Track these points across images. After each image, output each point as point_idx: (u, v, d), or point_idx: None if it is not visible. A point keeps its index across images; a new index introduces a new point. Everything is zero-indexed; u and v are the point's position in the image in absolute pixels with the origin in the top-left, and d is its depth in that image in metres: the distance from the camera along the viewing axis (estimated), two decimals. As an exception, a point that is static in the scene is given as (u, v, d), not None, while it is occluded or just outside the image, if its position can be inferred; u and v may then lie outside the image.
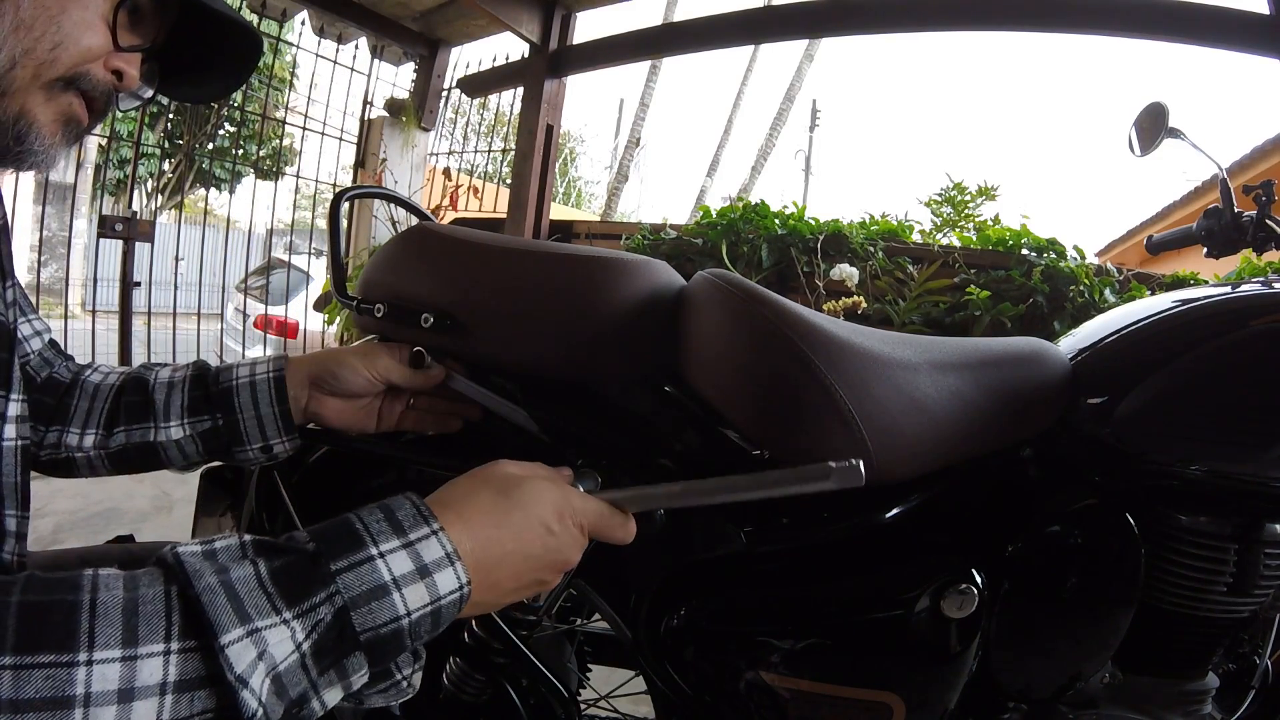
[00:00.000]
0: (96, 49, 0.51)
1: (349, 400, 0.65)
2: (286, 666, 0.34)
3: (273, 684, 0.33)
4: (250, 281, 5.25)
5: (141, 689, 0.30)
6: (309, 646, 0.35)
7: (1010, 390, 0.65)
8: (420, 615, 0.38)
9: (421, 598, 0.38)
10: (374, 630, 0.36)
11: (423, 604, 0.38)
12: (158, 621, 0.32)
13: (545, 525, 0.46)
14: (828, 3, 2.47)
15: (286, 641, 0.34)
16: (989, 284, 2.22)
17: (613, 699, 0.90)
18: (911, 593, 0.61)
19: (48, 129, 0.51)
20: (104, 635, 0.30)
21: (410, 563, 0.38)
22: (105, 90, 0.53)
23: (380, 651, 0.37)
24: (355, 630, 0.36)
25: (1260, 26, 1.83)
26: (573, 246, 0.68)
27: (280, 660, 0.34)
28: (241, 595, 0.34)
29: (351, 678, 0.37)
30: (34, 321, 0.65)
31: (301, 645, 0.34)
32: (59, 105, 0.51)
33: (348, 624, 0.36)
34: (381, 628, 0.37)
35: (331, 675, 0.36)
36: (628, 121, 11.62)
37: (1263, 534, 0.63)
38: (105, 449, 0.63)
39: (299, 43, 3.48)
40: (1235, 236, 1.01)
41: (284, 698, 0.34)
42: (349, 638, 0.36)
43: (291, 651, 0.34)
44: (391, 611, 0.37)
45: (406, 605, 0.37)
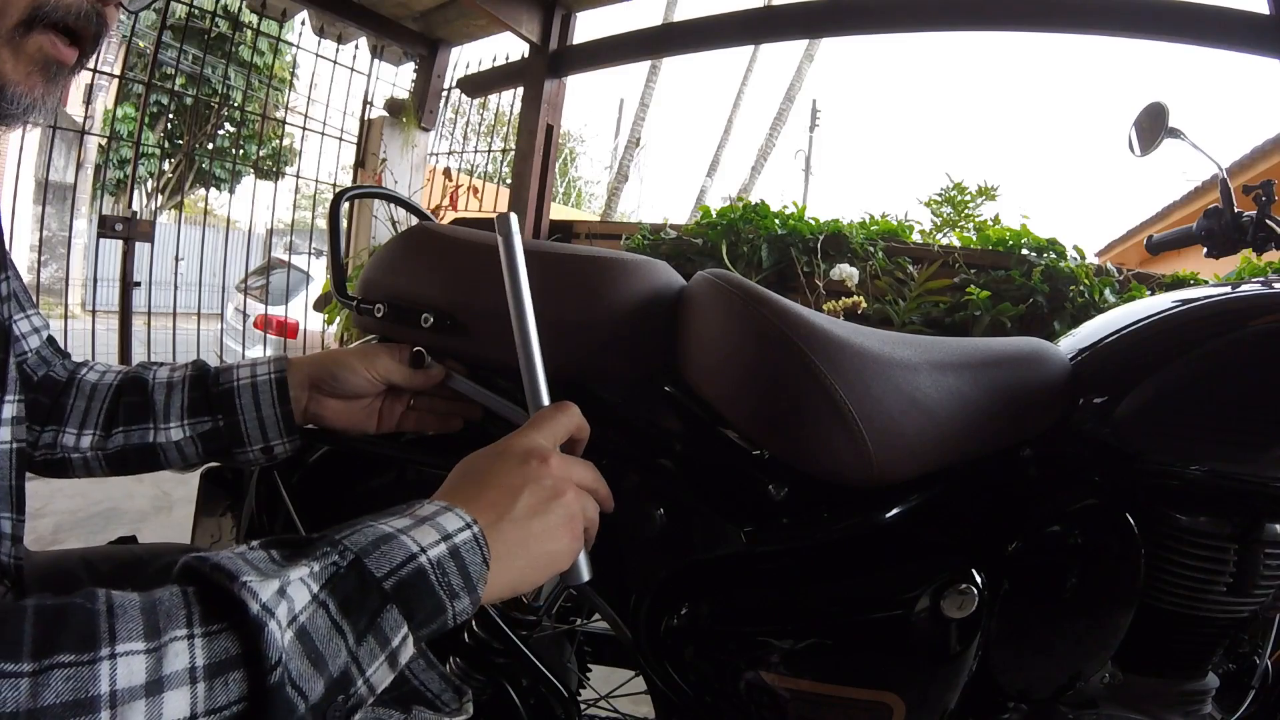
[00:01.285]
0: None
1: (349, 401, 0.65)
2: (309, 618, 0.32)
3: (301, 643, 0.31)
4: (250, 281, 5.25)
5: (170, 677, 0.28)
6: (328, 595, 0.33)
7: (1010, 390, 0.65)
8: (438, 554, 0.36)
9: (430, 536, 0.37)
10: (394, 574, 0.34)
11: (434, 540, 0.37)
12: (178, 612, 0.30)
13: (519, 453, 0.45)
14: (828, 3, 2.47)
15: (302, 588, 0.32)
16: (989, 284, 2.22)
17: (613, 699, 0.90)
18: (911, 593, 0.61)
19: (23, 84, 0.45)
20: (125, 630, 0.28)
21: (409, 519, 0.38)
22: (85, 13, 0.46)
23: (411, 600, 0.35)
24: (374, 575, 0.34)
25: (1260, 26, 1.83)
26: (573, 246, 0.68)
27: (300, 608, 0.32)
28: (256, 563, 0.32)
29: (393, 640, 0.34)
30: (33, 317, 0.63)
31: (319, 593, 0.32)
32: (28, 54, 0.45)
33: (365, 570, 0.34)
34: (401, 569, 0.35)
35: (371, 641, 0.33)
36: (628, 121, 11.63)
37: (1263, 534, 0.63)
38: (103, 450, 0.62)
39: (299, 43, 3.48)
40: (1235, 236, 1.01)
41: (322, 671, 0.31)
42: (371, 586, 0.34)
43: (310, 599, 0.32)
44: (404, 550, 0.35)
45: (418, 543, 0.36)
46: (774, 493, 0.65)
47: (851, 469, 0.58)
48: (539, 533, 0.42)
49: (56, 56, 0.46)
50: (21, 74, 0.45)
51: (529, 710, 0.73)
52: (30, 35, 0.44)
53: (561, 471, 0.46)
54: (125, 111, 9.71)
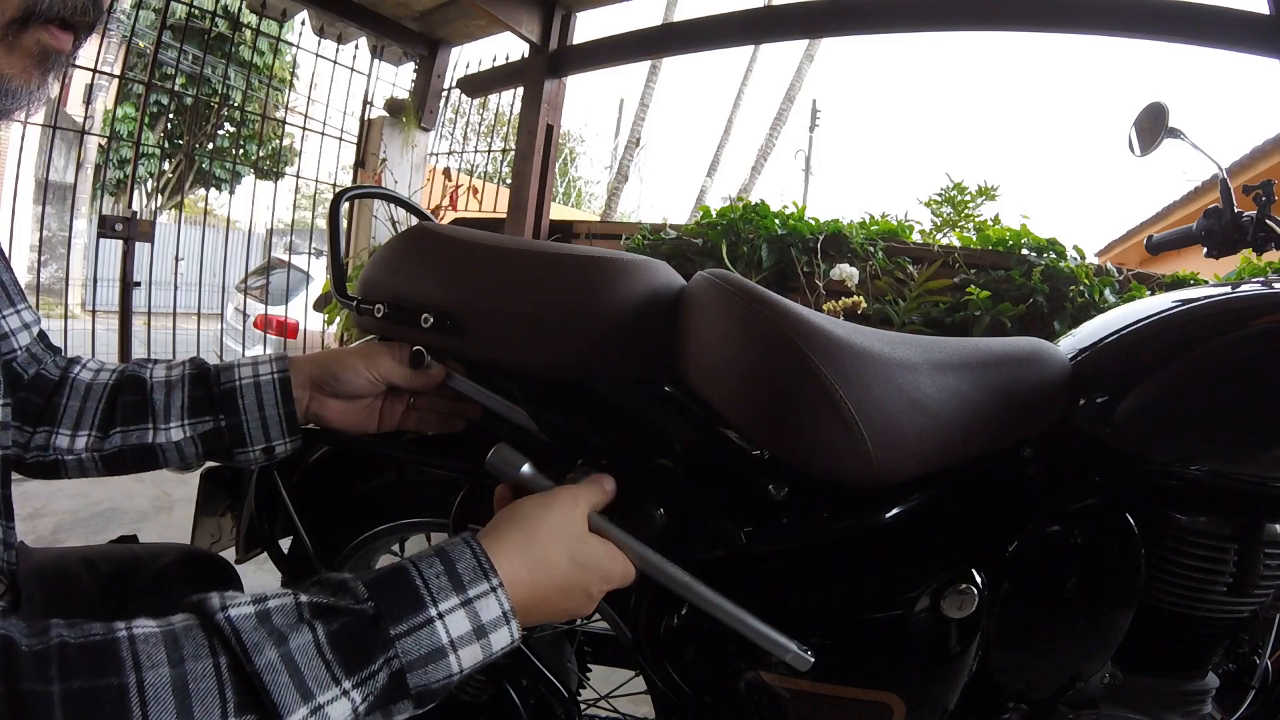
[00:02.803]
0: None
1: (350, 401, 0.65)
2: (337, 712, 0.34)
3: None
4: (250, 281, 5.25)
5: None
6: (364, 708, 0.35)
7: (1010, 390, 0.65)
8: (470, 662, 0.39)
9: (475, 656, 0.39)
10: (426, 686, 0.37)
11: (474, 660, 0.39)
12: (212, 701, 0.30)
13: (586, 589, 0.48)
14: (828, 3, 2.47)
15: (346, 710, 0.34)
16: (989, 284, 2.22)
17: (613, 699, 0.90)
18: (911, 593, 0.61)
19: (19, 77, 0.45)
20: None
21: (468, 623, 0.39)
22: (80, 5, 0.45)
23: (427, 700, 0.38)
24: (409, 687, 0.37)
25: (1260, 26, 1.83)
26: (573, 246, 0.68)
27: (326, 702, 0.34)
28: (302, 668, 0.33)
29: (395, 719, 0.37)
30: (23, 313, 0.60)
31: (359, 709, 0.35)
32: (24, 50, 0.44)
33: (403, 683, 0.36)
34: (434, 684, 0.38)
35: (378, 716, 0.36)
36: (628, 121, 11.62)
37: (1263, 534, 0.63)
38: (99, 451, 0.61)
39: (299, 43, 3.48)
40: (1235, 236, 1.01)
41: None
42: (402, 692, 0.36)
43: (349, 716, 0.34)
44: (446, 671, 0.38)
45: (460, 665, 0.38)
46: (774, 493, 0.65)
47: (851, 469, 0.58)
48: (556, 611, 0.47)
49: (55, 46, 0.45)
50: (17, 68, 0.44)
51: (529, 710, 0.73)
52: (27, 30, 0.44)
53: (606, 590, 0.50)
54: (125, 111, 9.71)
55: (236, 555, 0.82)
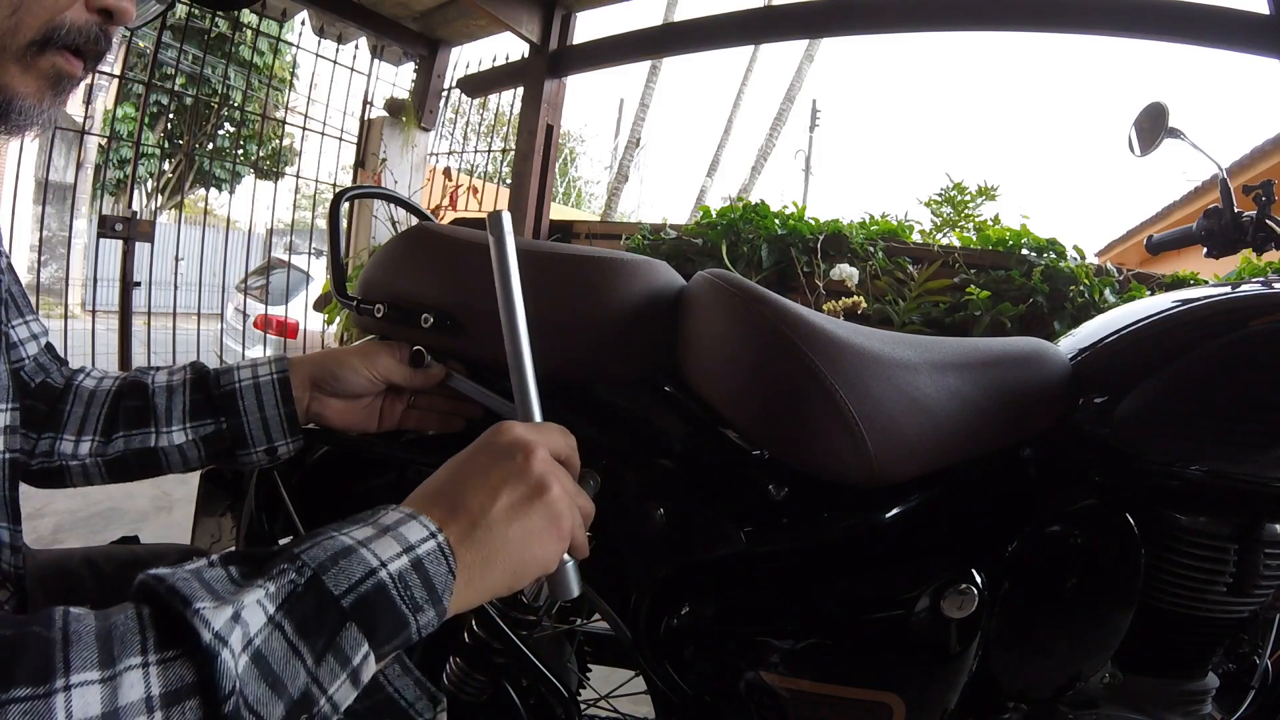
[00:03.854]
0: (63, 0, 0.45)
1: (350, 400, 0.65)
2: (265, 640, 0.31)
3: (257, 667, 0.30)
4: (250, 281, 5.24)
5: (126, 708, 0.28)
6: (285, 617, 0.32)
7: (1010, 390, 0.65)
8: (399, 567, 0.35)
9: (391, 548, 0.35)
10: (353, 590, 0.33)
11: (395, 552, 0.35)
12: (132, 639, 0.30)
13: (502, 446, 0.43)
14: (828, 3, 2.47)
15: (258, 610, 0.31)
16: (989, 284, 2.22)
17: (613, 699, 0.90)
18: (911, 593, 0.61)
19: (32, 98, 0.46)
20: (79, 660, 0.28)
21: (371, 529, 0.37)
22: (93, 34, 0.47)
23: (371, 617, 0.34)
24: (332, 593, 0.33)
25: (1260, 26, 1.83)
26: (573, 246, 0.68)
27: (255, 631, 0.31)
28: (212, 584, 0.32)
29: (354, 659, 0.33)
30: (31, 324, 0.62)
31: (275, 615, 0.32)
32: (39, 71, 0.46)
33: (323, 589, 0.33)
34: (360, 585, 0.34)
35: (331, 661, 0.33)
36: (628, 121, 11.62)
37: (1263, 534, 0.63)
38: (102, 456, 0.61)
39: (299, 43, 3.48)
40: (1235, 236, 1.01)
41: (281, 693, 0.31)
42: (329, 605, 0.33)
43: (265, 622, 0.31)
44: (364, 565, 0.34)
45: (378, 556, 0.35)
46: (774, 493, 0.65)
47: (851, 469, 0.58)
48: (519, 537, 0.40)
49: (68, 70, 0.47)
50: (31, 88, 0.46)
51: (529, 710, 0.73)
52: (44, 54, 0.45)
53: (547, 467, 0.43)
54: (125, 111, 9.71)
55: (237, 555, 0.82)
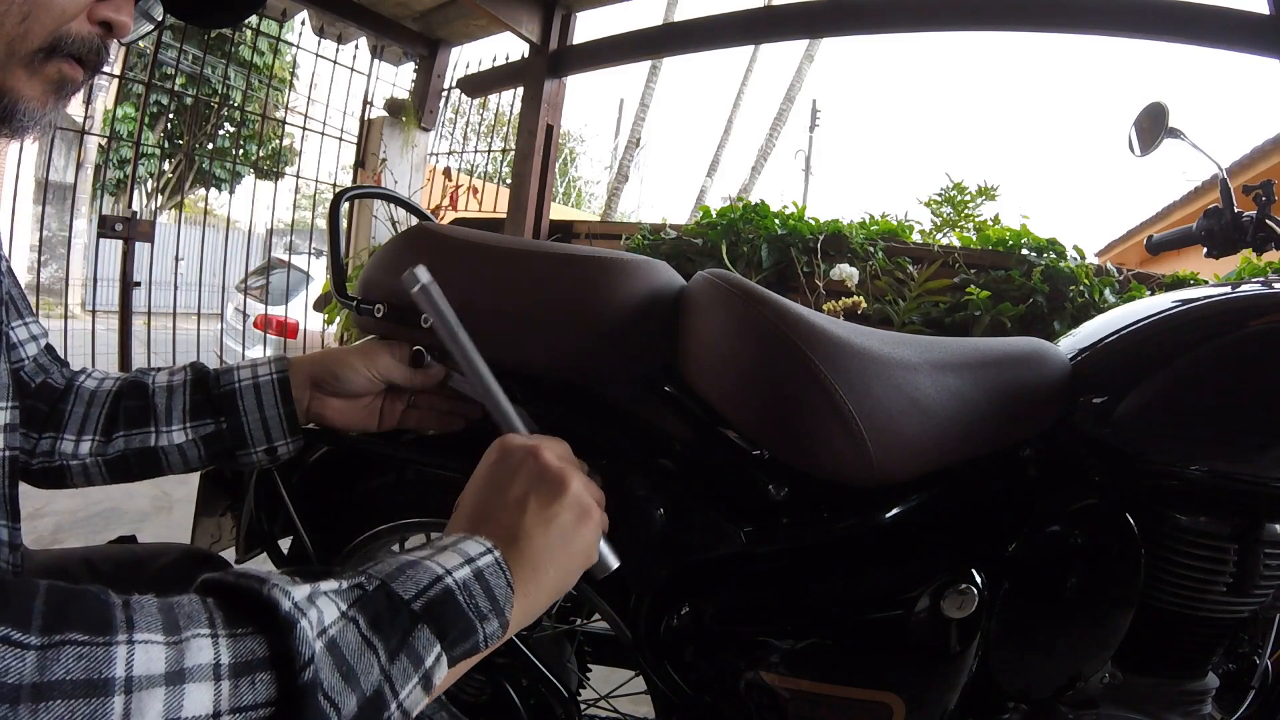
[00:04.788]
0: (72, 7, 0.47)
1: (351, 400, 0.65)
2: (339, 631, 0.31)
3: (331, 655, 0.30)
4: (250, 281, 5.24)
5: (193, 670, 0.26)
6: (358, 612, 0.32)
7: (1010, 390, 0.65)
8: (463, 575, 0.37)
9: (454, 559, 0.37)
10: (423, 595, 0.35)
11: (459, 563, 0.37)
12: (199, 614, 0.29)
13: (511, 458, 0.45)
14: (828, 3, 2.47)
15: (330, 603, 0.32)
16: (989, 284, 2.22)
17: (613, 699, 0.90)
18: (911, 593, 0.61)
19: (36, 101, 0.48)
20: (143, 621, 0.27)
21: (429, 549, 0.39)
22: (95, 45, 0.49)
23: (442, 620, 0.35)
24: (402, 597, 0.34)
25: (1260, 26, 1.83)
26: (573, 246, 0.68)
27: (330, 622, 0.31)
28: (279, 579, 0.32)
29: (426, 660, 0.34)
30: (31, 325, 0.63)
31: (348, 611, 0.32)
32: (45, 76, 0.48)
33: (392, 592, 0.34)
34: (429, 589, 0.35)
35: (404, 660, 0.33)
36: (628, 121, 11.62)
37: (1263, 534, 0.63)
38: (103, 455, 0.61)
39: (299, 43, 3.48)
40: (1235, 236, 1.01)
41: (354, 686, 0.30)
42: (400, 606, 0.34)
43: (338, 615, 0.32)
44: (430, 573, 0.36)
45: (443, 565, 0.36)
46: (774, 493, 0.65)
47: (851, 469, 0.58)
48: (559, 537, 0.43)
49: (71, 76, 0.49)
50: (36, 92, 0.48)
51: (529, 710, 0.73)
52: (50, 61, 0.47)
53: (559, 463, 0.45)
54: (125, 111, 9.71)
55: (236, 555, 0.82)
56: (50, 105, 0.49)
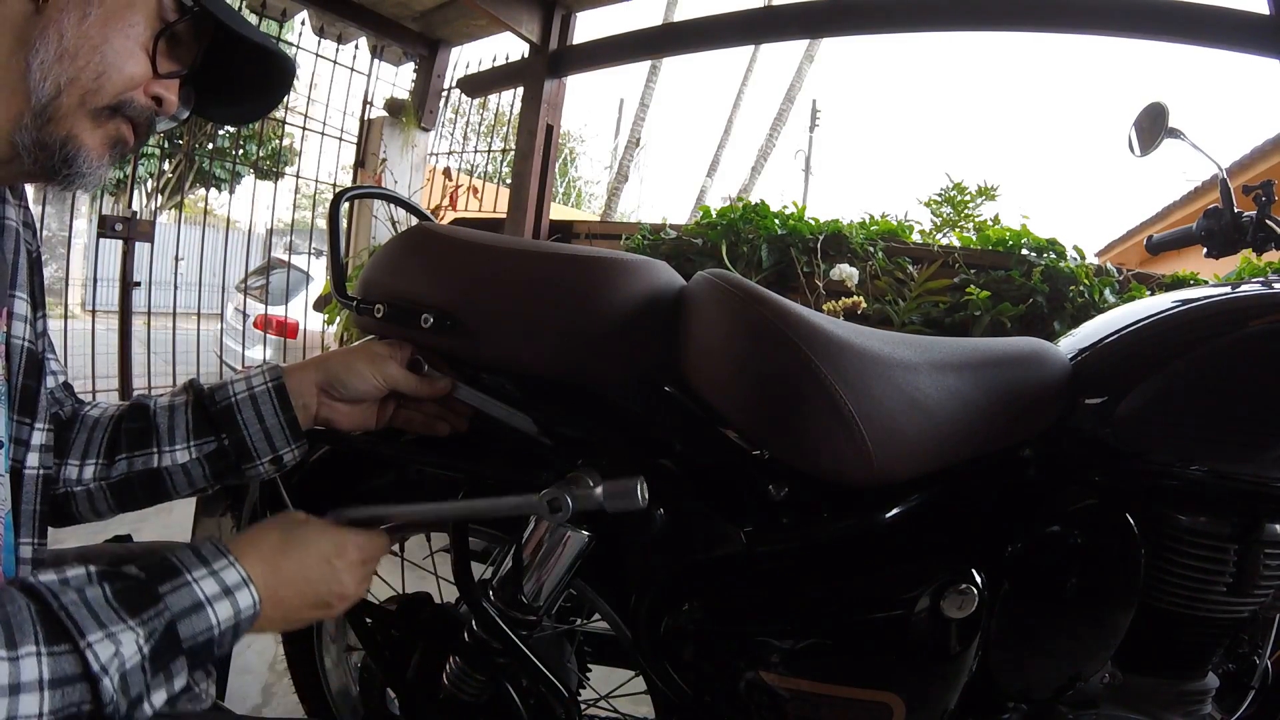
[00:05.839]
0: (138, 77, 0.54)
1: (356, 404, 0.66)
2: (131, 666, 0.42)
3: (120, 682, 0.41)
4: (250, 281, 5.24)
5: (26, 684, 0.37)
6: (149, 650, 0.43)
7: (1010, 390, 0.65)
8: (226, 627, 0.48)
9: (227, 613, 0.48)
10: (194, 639, 0.46)
11: (228, 618, 0.48)
12: (28, 629, 0.39)
13: (324, 558, 0.57)
14: (828, 3, 2.47)
15: (133, 645, 0.42)
16: (989, 284, 2.21)
17: (613, 699, 0.90)
18: (911, 593, 0.61)
19: (95, 152, 0.54)
20: None
21: (216, 585, 0.48)
22: (148, 115, 0.56)
23: (197, 656, 0.46)
24: (180, 639, 0.45)
25: (1260, 26, 1.82)
26: (573, 246, 0.68)
27: (128, 660, 0.41)
28: (96, 609, 0.42)
29: (175, 680, 0.45)
30: (51, 361, 0.64)
31: (144, 648, 0.43)
32: (106, 130, 0.54)
33: (175, 634, 0.45)
34: (199, 636, 0.46)
35: (160, 678, 0.44)
36: (628, 121, 11.62)
37: (1263, 534, 0.63)
38: (106, 479, 0.62)
39: (299, 43, 3.47)
40: (1235, 237, 1.01)
41: (127, 696, 0.41)
42: (175, 645, 0.45)
43: (135, 653, 0.42)
44: (206, 624, 0.47)
45: (218, 619, 0.47)
46: (774, 493, 0.65)
47: (851, 469, 0.58)
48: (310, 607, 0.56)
49: (124, 137, 0.55)
50: (96, 145, 0.54)
51: (529, 710, 0.73)
52: (112, 119, 0.54)
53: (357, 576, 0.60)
54: (125, 111, 9.67)
55: (236, 555, 0.82)
56: (104, 159, 0.55)
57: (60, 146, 0.52)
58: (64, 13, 0.51)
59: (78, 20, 0.52)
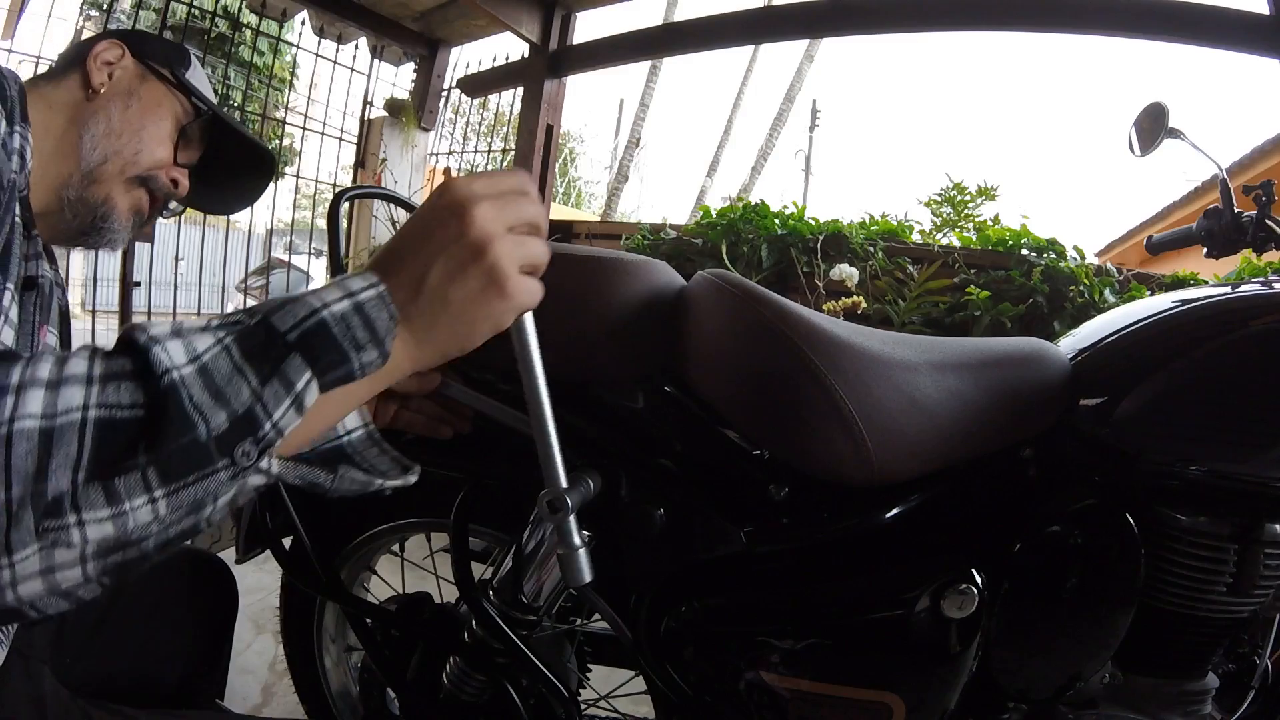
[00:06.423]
0: (164, 159, 0.70)
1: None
2: (213, 358, 0.34)
3: (201, 377, 0.34)
4: (250, 281, 5.24)
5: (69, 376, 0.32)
6: (233, 342, 0.35)
7: (1010, 390, 0.65)
8: (341, 309, 0.38)
9: (334, 294, 0.38)
10: (298, 326, 0.36)
11: (338, 297, 0.38)
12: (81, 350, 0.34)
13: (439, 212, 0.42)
14: (828, 3, 2.47)
15: (207, 336, 0.35)
16: (989, 284, 2.21)
17: (613, 699, 0.90)
18: (911, 593, 0.61)
19: (124, 215, 0.68)
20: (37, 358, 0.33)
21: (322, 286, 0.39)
22: (165, 192, 0.71)
23: (314, 349, 0.36)
24: (278, 329, 0.36)
25: (1260, 26, 1.82)
26: (572, 246, 0.68)
27: (203, 349, 0.34)
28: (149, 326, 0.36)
29: (297, 384, 0.36)
30: None
31: (224, 339, 0.35)
32: (134, 197, 0.69)
33: (270, 326, 0.36)
34: (304, 321, 0.36)
35: (275, 385, 0.35)
36: (628, 121, 11.62)
37: (1263, 534, 0.63)
38: None
39: (299, 43, 3.47)
40: (1235, 237, 1.01)
41: (223, 404, 0.34)
42: (275, 338, 0.36)
43: (213, 344, 0.35)
44: (307, 306, 0.37)
45: (322, 299, 0.38)
46: (774, 493, 0.65)
47: (851, 469, 0.58)
48: (459, 301, 0.41)
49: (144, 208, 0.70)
50: (125, 208, 0.68)
51: (529, 710, 0.73)
52: (139, 188, 0.69)
53: (486, 227, 0.41)
54: (125, 111, 9.69)
55: (237, 555, 0.82)
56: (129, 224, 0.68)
57: (98, 205, 0.65)
58: (111, 102, 0.68)
59: (122, 109, 0.68)
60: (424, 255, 0.41)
